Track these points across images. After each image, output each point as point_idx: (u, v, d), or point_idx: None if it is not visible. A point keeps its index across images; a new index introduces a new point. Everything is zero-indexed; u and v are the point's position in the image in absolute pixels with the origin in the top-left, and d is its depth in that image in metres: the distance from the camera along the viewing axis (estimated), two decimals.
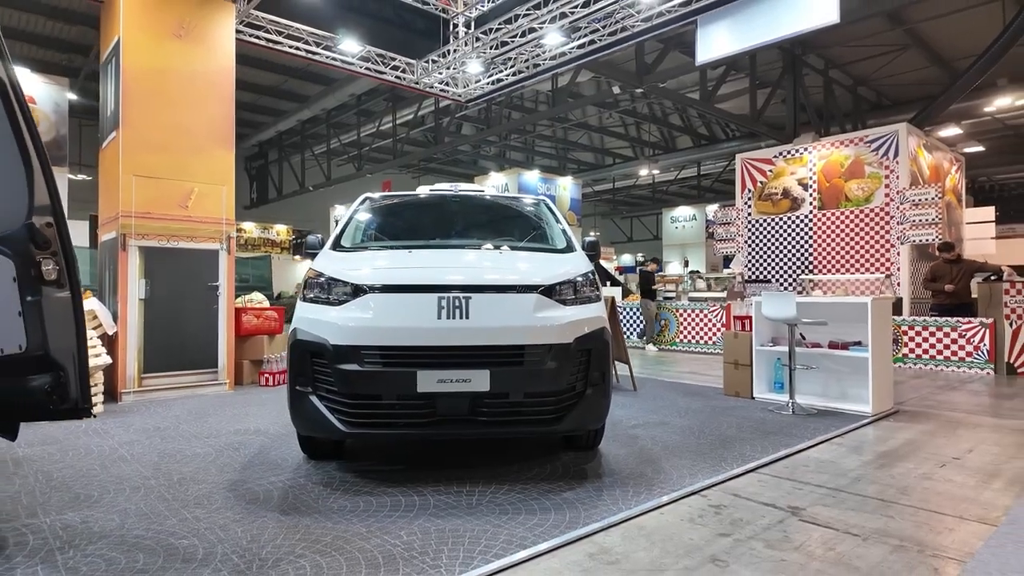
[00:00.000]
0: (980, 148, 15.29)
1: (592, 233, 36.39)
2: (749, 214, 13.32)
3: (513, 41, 8.55)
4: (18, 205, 2.07)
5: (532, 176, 20.95)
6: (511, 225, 4.93)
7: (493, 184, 21.14)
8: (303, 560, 2.49)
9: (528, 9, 7.98)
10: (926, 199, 10.94)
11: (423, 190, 5.54)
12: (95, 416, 2.30)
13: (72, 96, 13.16)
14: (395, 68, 9.50)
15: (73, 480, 3.56)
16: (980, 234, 13.53)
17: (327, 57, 8.77)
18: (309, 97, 17.50)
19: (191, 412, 5.53)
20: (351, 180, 24.40)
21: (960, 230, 13.23)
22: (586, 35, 8.37)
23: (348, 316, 3.39)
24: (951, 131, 14.45)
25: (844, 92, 15.83)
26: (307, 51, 8.57)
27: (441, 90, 10.08)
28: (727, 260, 21.47)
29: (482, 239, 4.45)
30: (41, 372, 2.15)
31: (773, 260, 12.87)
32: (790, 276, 12.45)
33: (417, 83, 9.60)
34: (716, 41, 7.34)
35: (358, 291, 3.47)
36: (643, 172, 25.93)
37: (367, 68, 9.26)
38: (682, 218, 28.58)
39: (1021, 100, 14.50)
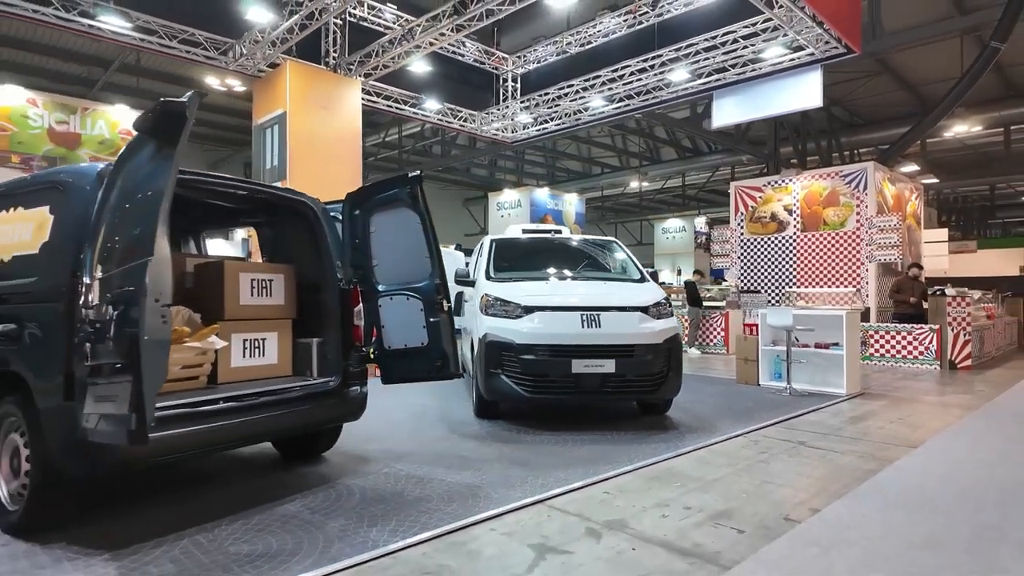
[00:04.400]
0: (935, 180, 17.72)
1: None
2: (742, 234, 15.56)
3: (562, 103, 10.66)
4: (426, 274, 4.11)
5: (543, 192, 23.01)
6: (598, 260, 7.04)
7: (507, 199, 23.22)
8: (541, 460, 4.55)
9: (580, 80, 10.10)
10: (889, 225, 13.24)
11: (515, 230, 7.67)
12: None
13: None
14: (461, 118, 11.57)
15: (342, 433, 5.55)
16: (936, 252, 16.00)
17: (411, 112, 10.81)
18: None
19: None
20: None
21: (919, 248, 15.62)
22: (622, 99, 10.51)
23: (526, 325, 5.47)
24: (911, 167, 16.86)
25: (820, 112, 18.09)
26: (397, 108, 10.60)
27: (494, 134, 12.16)
28: (714, 271, 23.86)
29: (584, 270, 6.59)
30: (436, 356, 4.17)
31: (762, 274, 15.13)
32: (777, 288, 14.70)
33: (477, 130, 11.68)
34: (727, 111, 9.54)
35: (528, 310, 5.56)
36: (633, 184, 28.06)
37: (439, 118, 11.32)
38: (672, 229, 30.93)
39: (976, 127, 16.97)
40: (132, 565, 2.80)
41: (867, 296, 13.22)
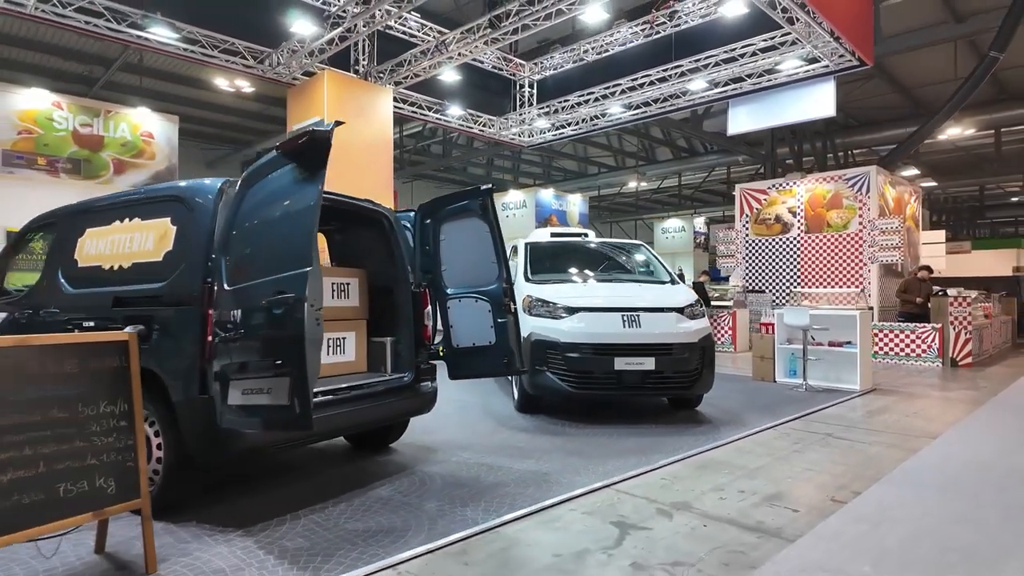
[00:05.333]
0: (933, 183, 18.22)
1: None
2: (747, 235, 15.99)
3: (581, 109, 11.02)
4: (493, 278, 4.45)
5: (547, 193, 23.35)
6: (628, 263, 7.41)
7: (512, 200, 23.55)
8: (593, 450, 4.91)
9: (600, 88, 10.46)
10: (891, 227, 13.71)
11: (543, 233, 8.01)
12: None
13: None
14: (480, 123, 11.91)
15: None
16: (933, 253, 16.53)
17: (435, 118, 11.14)
18: None
19: None
20: None
21: (918, 249, 16.11)
22: (639, 106, 10.89)
23: (571, 325, 5.83)
24: (912, 171, 17.35)
25: None
26: (421, 114, 10.93)
27: (512, 138, 12.51)
28: (713, 270, 24.10)
29: (616, 273, 6.96)
30: (503, 354, 4.51)
31: (767, 274, 15.57)
32: (781, 288, 15.15)
33: (496, 135, 12.02)
34: (742, 119, 9.94)
35: (572, 310, 5.92)
36: (631, 184, 28.32)
37: (460, 124, 11.66)
38: (672, 229, 31.41)
39: (969, 130, 17.49)
40: (267, 539, 3.14)
41: (869, 296, 13.67)
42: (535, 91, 12.35)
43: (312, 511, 3.56)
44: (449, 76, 11.23)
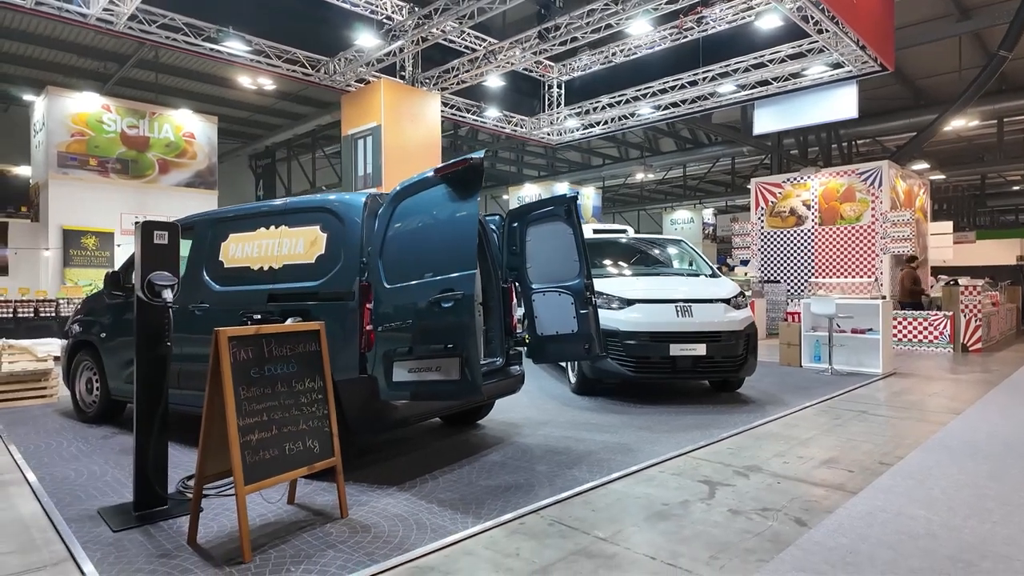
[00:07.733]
0: (942, 176, 18.81)
1: None
2: (762, 227, 16.60)
3: (611, 109, 11.61)
4: (576, 273, 5.08)
5: (562, 187, 23.95)
6: (672, 258, 8.03)
7: (527, 194, 24.15)
8: (659, 426, 5.56)
9: (632, 90, 11.05)
10: (902, 220, 14.32)
11: (584, 230, 8.60)
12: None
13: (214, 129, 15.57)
14: (513, 124, 12.50)
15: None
16: (941, 243, 17.17)
17: (472, 119, 11.73)
18: (331, 104, 17.09)
19: None
20: None
21: (926, 240, 16.75)
22: (667, 107, 11.48)
23: (628, 315, 6.47)
24: (921, 165, 17.95)
25: None
26: (460, 116, 11.51)
27: (542, 137, 13.10)
28: (720, 258, 24.48)
29: (661, 267, 7.58)
30: (582, 342, 5.15)
31: (782, 265, 16.21)
32: (796, 279, 15.79)
33: (528, 134, 12.61)
34: (766, 120, 10.54)
35: (629, 302, 6.55)
36: (639, 176, 28.80)
37: (495, 124, 12.24)
38: (681, 220, 32.02)
39: (973, 121, 18.06)
40: (421, 493, 3.79)
41: (882, 285, 14.31)
42: (563, 91, 12.94)
43: (443, 473, 4.20)
44: (488, 80, 11.80)
